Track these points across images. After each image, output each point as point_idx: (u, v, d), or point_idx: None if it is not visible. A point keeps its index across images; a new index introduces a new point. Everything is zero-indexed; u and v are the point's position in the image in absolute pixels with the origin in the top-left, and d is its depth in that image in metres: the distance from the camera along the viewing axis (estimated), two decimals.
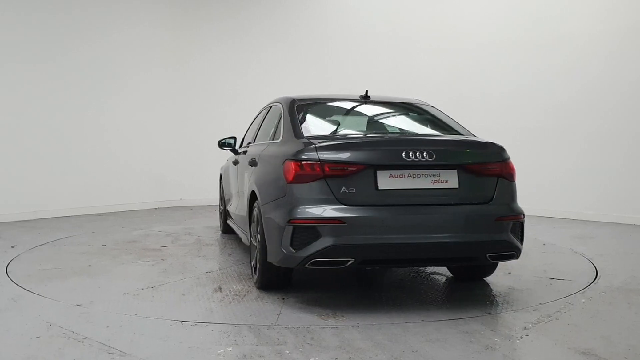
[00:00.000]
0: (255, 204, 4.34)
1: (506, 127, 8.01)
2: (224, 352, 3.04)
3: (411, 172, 3.71)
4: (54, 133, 8.36)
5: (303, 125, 4.25)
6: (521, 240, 3.95)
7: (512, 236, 3.83)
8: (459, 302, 4.01)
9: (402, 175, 3.70)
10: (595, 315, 3.74)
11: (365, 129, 4.64)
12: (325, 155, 3.67)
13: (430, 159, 3.70)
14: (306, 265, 3.65)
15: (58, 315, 3.69)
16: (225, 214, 6.63)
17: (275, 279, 4.17)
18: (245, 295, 4.14)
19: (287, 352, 3.05)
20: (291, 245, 3.65)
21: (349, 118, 4.82)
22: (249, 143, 5.89)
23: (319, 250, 3.57)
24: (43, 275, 4.73)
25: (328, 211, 3.59)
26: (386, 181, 3.68)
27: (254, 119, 6.07)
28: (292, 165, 3.73)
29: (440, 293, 4.32)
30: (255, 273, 4.32)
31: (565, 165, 7.99)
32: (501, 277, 4.81)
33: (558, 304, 3.93)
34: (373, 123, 4.75)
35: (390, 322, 3.53)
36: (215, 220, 7.87)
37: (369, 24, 9.43)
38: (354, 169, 3.65)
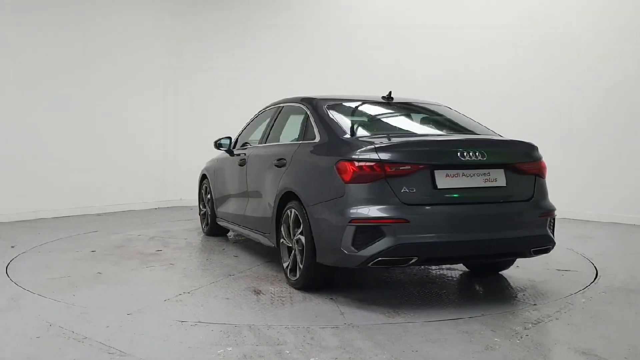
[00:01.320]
0: (291, 205, 4.30)
1: (506, 126, 8.00)
2: (224, 352, 3.04)
3: (465, 171, 3.83)
4: (53, 133, 8.35)
5: (343, 125, 4.25)
6: (553, 234, 4.15)
7: (549, 231, 4.08)
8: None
9: (457, 174, 3.81)
10: (595, 315, 3.74)
11: (404, 129, 4.67)
12: (386, 156, 3.72)
13: (483, 159, 3.84)
14: (369, 265, 3.68)
15: (58, 315, 3.69)
16: (213, 216, 6.46)
17: (320, 280, 4.18)
18: (290, 297, 4.10)
19: (287, 352, 3.05)
20: (353, 245, 3.68)
21: (380, 118, 4.79)
22: (245, 144, 5.88)
23: (385, 250, 3.62)
24: (60, 284, 4.45)
25: (391, 210, 3.64)
26: (443, 180, 3.77)
27: (252, 119, 6.03)
28: (349, 166, 3.75)
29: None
30: (293, 274, 4.29)
31: (565, 165, 7.99)
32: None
33: (558, 304, 3.94)
34: (407, 123, 4.78)
35: (390, 322, 3.54)
36: (188, 223, 7.73)
37: (369, 23, 9.42)
38: (414, 168, 3.71)
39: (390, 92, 4.89)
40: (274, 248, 4.72)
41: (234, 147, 6.00)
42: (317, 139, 4.29)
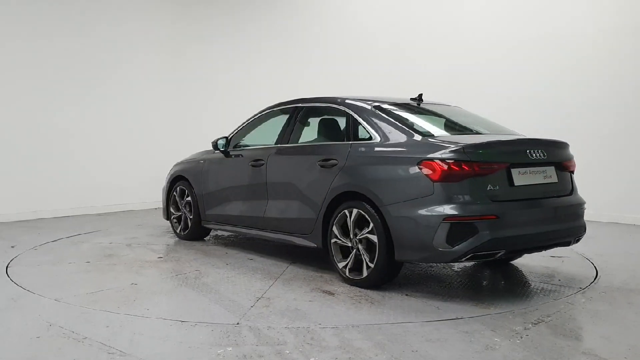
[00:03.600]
0: (350, 204, 4.34)
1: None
2: (224, 352, 3.04)
3: (531, 169, 4.17)
4: (53, 133, 8.35)
5: (404, 125, 4.37)
6: None
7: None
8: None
9: (525, 172, 4.13)
10: (595, 315, 3.74)
11: (457, 129, 4.77)
12: (473, 155, 3.91)
13: (544, 157, 4.22)
14: (461, 260, 3.87)
15: (58, 315, 3.69)
16: (196, 219, 6.14)
17: (389, 277, 4.30)
18: (367, 296, 4.11)
19: (287, 352, 3.05)
20: (447, 241, 3.81)
21: (430, 119, 4.83)
22: (238, 145, 5.77)
23: (479, 245, 3.80)
24: (110, 299, 4.07)
25: (482, 207, 3.86)
26: (518, 178, 4.08)
27: (250, 120, 5.84)
28: (436, 165, 3.88)
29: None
30: (356, 273, 4.32)
31: None
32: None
33: (558, 304, 3.94)
34: (453, 124, 4.86)
35: (390, 322, 3.54)
36: (140, 229, 7.24)
37: (368, 24, 9.42)
38: (497, 167, 3.98)
39: (421, 95, 5.05)
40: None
41: (232, 148, 5.85)
42: (377, 140, 4.39)
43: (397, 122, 4.41)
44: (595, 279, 4.61)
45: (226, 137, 5.91)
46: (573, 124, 7.90)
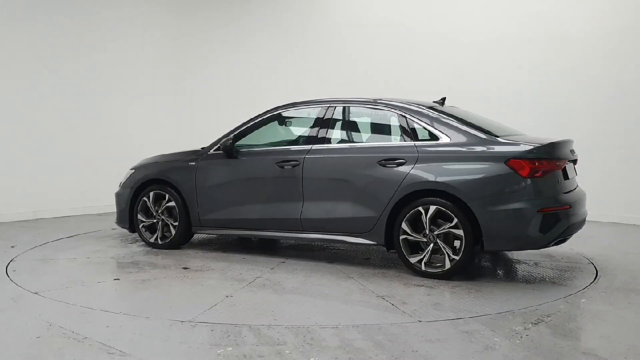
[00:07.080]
0: (425, 201, 4.56)
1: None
2: (224, 352, 3.05)
3: (568, 165, 4.77)
4: (53, 133, 8.35)
5: (469, 127, 4.72)
6: None
7: None
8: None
9: (567, 168, 4.71)
10: (595, 315, 3.74)
11: (498, 130, 4.94)
12: (552, 154, 4.52)
13: (574, 155, 4.91)
14: (548, 246, 4.43)
15: (58, 315, 3.69)
16: (185, 225, 5.64)
17: (466, 267, 4.58)
18: (465, 286, 4.38)
19: (287, 352, 3.05)
20: (540, 230, 4.32)
21: (472, 121, 4.98)
22: (249, 145, 5.57)
23: (562, 232, 4.42)
24: (232, 312, 3.77)
25: (562, 198, 4.49)
26: (568, 173, 4.73)
27: (261, 120, 5.57)
28: (524, 163, 4.33)
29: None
30: (434, 266, 4.57)
31: None
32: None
33: (558, 304, 3.94)
34: (487, 125, 5.02)
35: (391, 323, 3.54)
36: (94, 240, 6.48)
37: (369, 23, 9.42)
38: (562, 164, 4.60)
39: (444, 98, 5.41)
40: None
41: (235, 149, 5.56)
42: (446, 140, 4.68)
43: (458, 123, 4.74)
44: (595, 279, 4.61)
45: (231, 138, 5.56)
46: (573, 125, 7.90)
